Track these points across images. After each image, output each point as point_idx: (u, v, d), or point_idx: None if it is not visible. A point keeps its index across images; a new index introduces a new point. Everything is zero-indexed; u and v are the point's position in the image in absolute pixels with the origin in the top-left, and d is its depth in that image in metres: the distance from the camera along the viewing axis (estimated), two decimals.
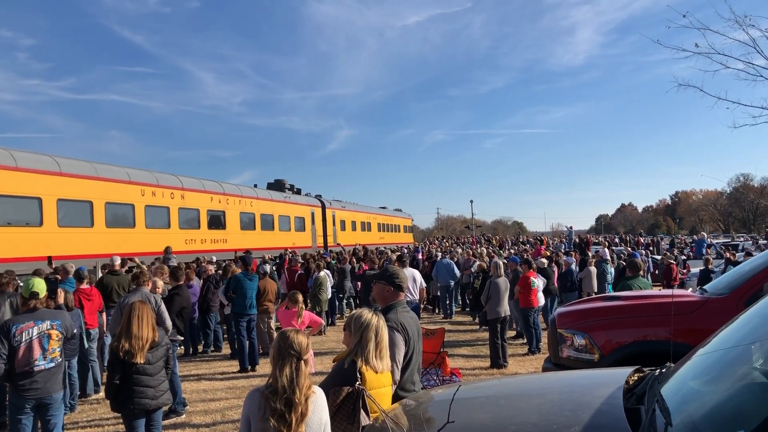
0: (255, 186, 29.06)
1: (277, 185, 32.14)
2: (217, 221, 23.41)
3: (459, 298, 20.01)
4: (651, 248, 32.96)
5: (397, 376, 4.23)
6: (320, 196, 35.95)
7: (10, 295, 8.27)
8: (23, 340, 5.30)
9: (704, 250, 25.66)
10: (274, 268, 17.33)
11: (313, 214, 32.97)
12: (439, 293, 18.47)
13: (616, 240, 43.87)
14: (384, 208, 50.92)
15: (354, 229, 39.44)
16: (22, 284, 5.83)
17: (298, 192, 34.00)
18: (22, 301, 5.60)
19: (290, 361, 3.34)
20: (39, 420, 5.52)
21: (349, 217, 38.83)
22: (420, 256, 24.19)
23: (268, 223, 27.47)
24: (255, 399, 3.30)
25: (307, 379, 3.38)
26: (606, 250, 22.00)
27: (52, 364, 5.46)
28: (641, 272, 9.29)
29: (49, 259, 14.29)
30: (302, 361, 3.38)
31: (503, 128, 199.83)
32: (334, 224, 35.82)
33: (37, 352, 5.35)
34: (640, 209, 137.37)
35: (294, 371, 3.32)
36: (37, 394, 5.33)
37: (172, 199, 20.59)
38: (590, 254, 20.60)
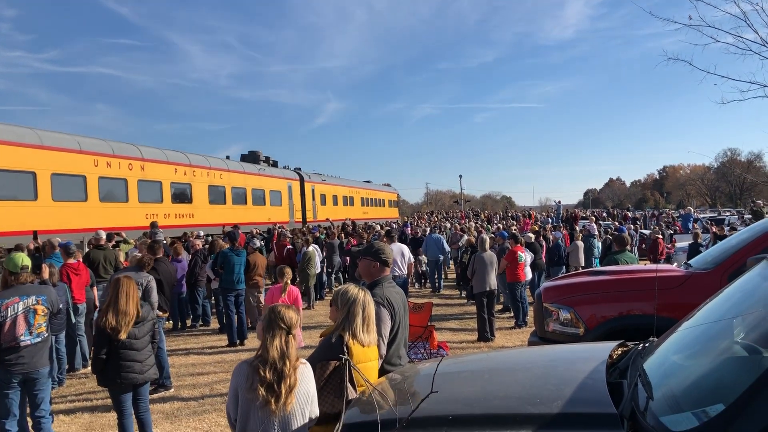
0: (227, 158, 27.66)
1: (252, 157, 30.63)
2: (182, 195, 22.11)
3: (447, 272, 20.10)
4: (639, 222, 33.14)
5: (383, 351, 4.26)
6: (299, 169, 34.59)
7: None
8: (8, 315, 5.28)
9: (690, 225, 25.84)
10: (262, 243, 17.32)
11: (290, 187, 31.58)
12: (426, 268, 18.55)
13: (604, 214, 44.11)
14: (368, 182, 49.30)
15: (335, 203, 38.07)
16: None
17: (275, 164, 32.47)
18: (12, 277, 5.56)
19: (280, 333, 3.40)
20: (26, 395, 5.52)
21: (329, 191, 37.35)
22: (409, 231, 24.23)
23: (240, 197, 26.20)
24: (243, 371, 3.35)
25: (296, 351, 3.45)
26: (593, 224, 22.13)
27: (38, 339, 5.45)
28: (628, 247, 9.35)
29: (35, 233, 14.14)
30: (291, 335, 3.44)
31: (493, 102, 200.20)
32: (313, 198, 34.36)
33: (22, 327, 5.33)
34: (628, 184, 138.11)
35: (284, 344, 3.38)
36: (23, 369, 5.33)
37: (130, 171, 19.21)
38: (578, 229, 20.71)
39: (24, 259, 5.53)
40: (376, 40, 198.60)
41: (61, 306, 5.86)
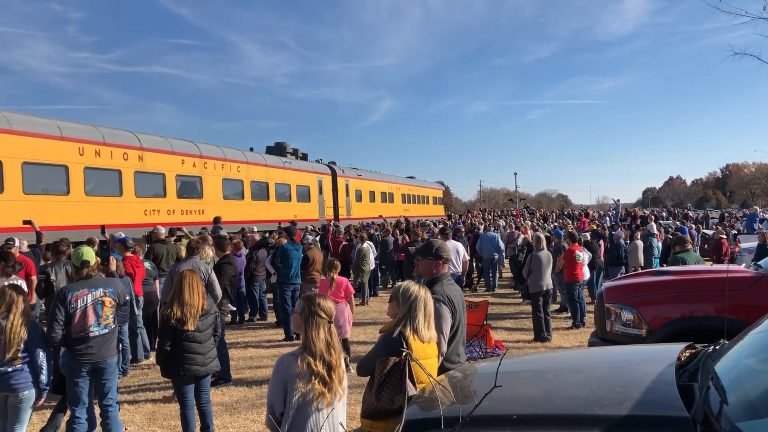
0: (251, 149, 25.36)
1: (278, 149, 28.09)
2: (190, 189, 19.90)
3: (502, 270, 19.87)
4: (701, 222, 32.15)
5: (444, 348, 4.25)
6: (334, 163, 32.13)
7: (66, 263, 8.53)
8: (78, 306, 5.45)
9: (756, 225, 24.90)
10: (316, 238, 17.48)
11: (320, 182, 28.79)
12: (482, 266, 18.40)
13: (664, 214, 42.96)
14: (411, 177, 46.09)
15: (372, 200, 34.98)
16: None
17: (304, 157, 29.85)
18: (75, 270, 5.75)
19: (323, 324, 3.45)
20: (95, 384, 5.70)
21: (366, 186, 34.23)
22: (462, 228, 24.05)
23: (261, 193, 23.72)
24: (291, 364, 3.37)
25: (338, 340, 3.55)
26: (653, 224, 21.59)
27: (106, 330, 5.61)
28: (689, 246, 9.10)
29: (102, 227, 14.55)
30: (332, 324, 3.52)
31: (548, 99, 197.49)
32: (347, 194, 31.45)
33: (91, 318, 5.50)
34: (688, 182, 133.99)
35: (328, 334, 3.45)
36: (92, 358, 5.50)
37: (125, 161, 17.04)
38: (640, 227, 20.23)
39: (84, 254, 5.65)
40: (430, 37, 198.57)
41: (127, 298, 6.03)
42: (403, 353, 3.69)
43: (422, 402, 3.39)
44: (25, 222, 12.52)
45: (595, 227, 21.16)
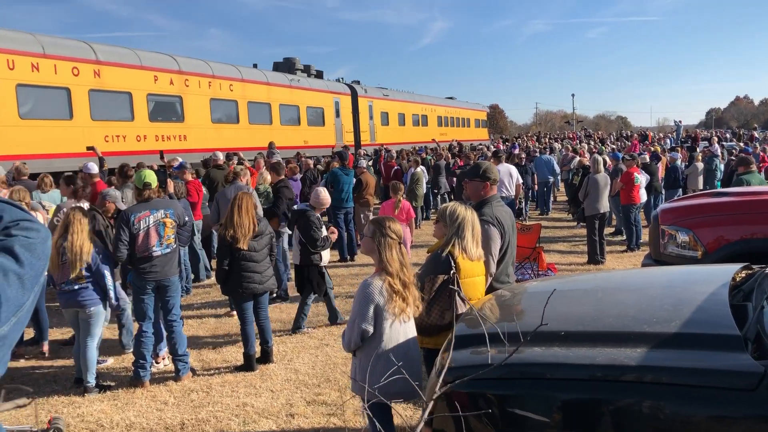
0: (255, 66, 22.46)
1: (286, 65, 24.75)
2: (167, 110, 17.03)
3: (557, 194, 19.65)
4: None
5: (493, 269, 4.29)
6: (357, 82, 28.56)
7: (131, 186, 8.82)
8: (141, 227, 5.69)
9: None
10: (370, 163, 17.54)
11: (337, 103, 25.29)
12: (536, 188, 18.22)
13: (728, 135, 41.30)
14: (451, 98, 41.34)
15: (402, 123, 31.21)
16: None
17: (319, 75, 26.36)
18: (137, 192, 5.96)
19: (394, 245, 3.56)
20: (159, 301, 5.99)
21: (394, 108, 30.23)
22: (517, 152, 23.71)
23: (261, 115, 20.65)
24: (378, 286, 3.48)
25: (408, 259, 3.69)
26: (717, 145, 20.83)
27: (168, 250, 5.85)
28: (753, 167, 8.78)
29: (161, 153, 14.83)
30: (402, 245, 3.63)
31: (608, 16, 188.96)
32: (371, 117, 27.85)
33: (153, 239, 5.74)
34: (756, 102, 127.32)
35: (400, 254, 3.57)
36: (156, 276, 5.77)
37: (75, 77, 14.25)
38: (698, 150, 19.56)
39: (146, 177, 5.84)
40: None
41: (186, 219, 6.23)
42: (451, 271, 3.75)
43: (471, 319, 3.45)
44: (88, 148, 12.86)
45: (658, 149, 20.53)
